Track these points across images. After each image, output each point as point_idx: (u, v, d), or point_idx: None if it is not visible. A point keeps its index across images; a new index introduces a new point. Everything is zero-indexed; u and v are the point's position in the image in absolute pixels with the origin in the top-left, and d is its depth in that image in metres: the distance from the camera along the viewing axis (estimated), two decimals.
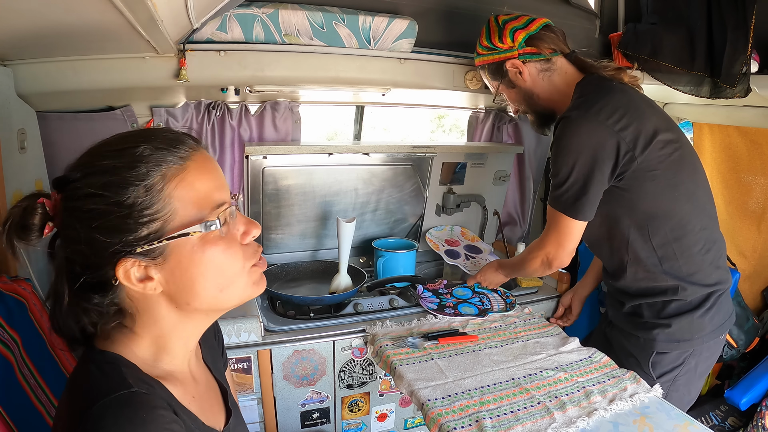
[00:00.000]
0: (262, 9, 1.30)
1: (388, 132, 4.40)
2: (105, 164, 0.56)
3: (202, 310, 0.64)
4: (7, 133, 1.12)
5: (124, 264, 0.56)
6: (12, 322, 0.91)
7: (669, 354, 1.22)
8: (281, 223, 1.74)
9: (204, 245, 0.59)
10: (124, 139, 0.59)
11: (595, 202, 1.17)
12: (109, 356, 0.59)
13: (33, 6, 0.73)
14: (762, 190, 1.77)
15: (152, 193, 0.55)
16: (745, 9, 1.30)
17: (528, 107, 1.36)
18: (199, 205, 0.58)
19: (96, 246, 0.55)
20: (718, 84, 1.40)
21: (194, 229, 0.58)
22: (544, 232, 1.29)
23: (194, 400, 0.65)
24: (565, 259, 1.26)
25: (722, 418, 1.81)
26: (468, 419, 1.02)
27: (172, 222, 0.57)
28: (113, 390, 0.54)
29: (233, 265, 0.62)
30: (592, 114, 1.11)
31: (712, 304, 1.20)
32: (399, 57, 1.49)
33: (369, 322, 1.44)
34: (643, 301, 1.24)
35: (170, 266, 0.58)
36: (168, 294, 0.60)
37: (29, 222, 0.57)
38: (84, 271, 0.57)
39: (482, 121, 2.03)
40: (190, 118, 1.55)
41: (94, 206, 0.55)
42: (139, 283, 0.57)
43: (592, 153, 1.11)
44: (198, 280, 0.60)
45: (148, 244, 0.56)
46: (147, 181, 0.55)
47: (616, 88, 1.17)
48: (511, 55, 1.28)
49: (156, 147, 0.57)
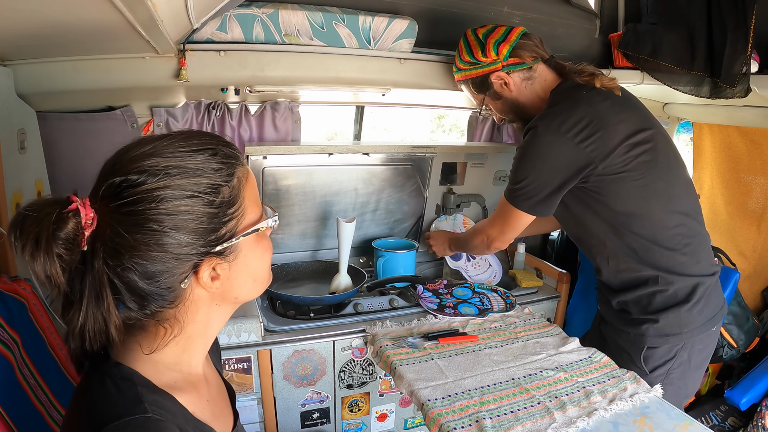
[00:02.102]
0: (262, 9, 1.30)
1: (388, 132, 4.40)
2: (189, 165, 0.55)
3: (238, 304, 0.66)
4: (7, 133, 1.12)
5: (207, 264, 0.57)
6: (12, 322, 0.91)
7: (660, 348, 1.23)
8: (281, 223, 1.74)
9: (260, 240, 0.63)
10: (194, 139, 0.58)
11: (548, 203, 1.22)
12: (125, 371, 0.57)
13: (33, 6, 0.73)
14: (762, 190, 1.76)
15: (234, 194, 0.59)
16: (745, 9, 1.29)
17: (514, 115, 1.40)
18: (257, 202, 0.63)
19: (175, 249, 0.54)
20: (718, 84, 1.40)
21: (264, 225, 0.62)
22: (492, 214, 1.39)
23: (208, 404, 0.65)
24: (504, 244, 1.38)
25: (722, 418, 1.81)
26: (468, 419, 1.02)
27: (243, 220, 0.60)
28: (127, 413, 0.52)
29: (269, 257, 0.66)
30: (554, 126, 1.16)
31: (700, 298, 1.21)
32: (399, 57, 1.49)
33: (369, 322, 1.44)
34: (628, 296, 1.26)
35: (237, 262, 0.60)
36: (221, 291, 0.61)
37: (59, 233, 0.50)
38: (148, 280, 0.54)
39: (482, 121, 2.03)
40: (190, 118, 1.55)
41: (184, 207, 0.54)
42: (211, 283, 0.58)
43: (550, 163, 1.18)
44: (251, 274, 0.63)
45: (227, 241, 0.58)
46: (231, 181, 0.58)
47: (583, 98, 1.19)
48: (496, 67, 1.31)
49: (229, 149, 0.60)
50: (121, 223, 0.52)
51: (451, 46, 1.57)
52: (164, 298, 0.57)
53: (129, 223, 0.52)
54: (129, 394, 0.54)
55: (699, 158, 1.95)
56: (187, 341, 0.62)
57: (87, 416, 0.54)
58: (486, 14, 1.39)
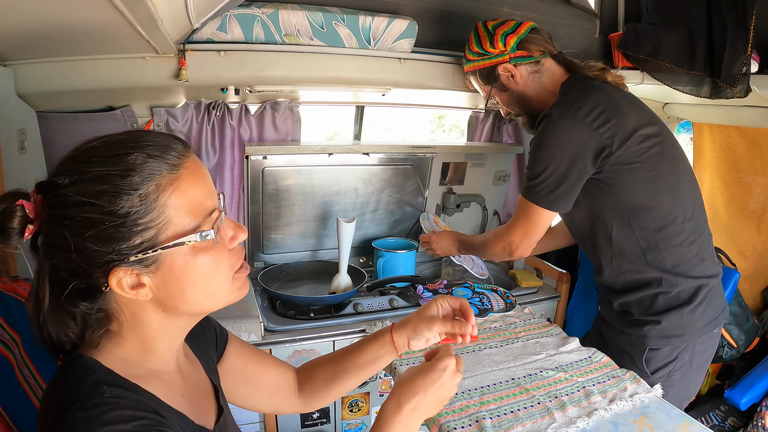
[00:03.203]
0: (262, 9, 1.30)
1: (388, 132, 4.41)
2: (96, 171, 0.54)
3: (188, 314, 0.64)
4: (7, 133, 1.12)
5: (116, 272, 0.55)
6: (12, 322, 0.91)
7: (662, 350, 1.23)
8: (281, 223, 1.74)
9: (196, 253, 0.59)
10: (115, 145, 0.57)
11: (568, 195, 1.19)
12: (87, 361, 0.59)
13: (33, 6, 0.73)
14: (762, 190, 1.76)
15: (146, 203, 0.55)
16: (745, 9, 1.30)
17: (520, 109, 1.39)
18: (192, 212, 0.58)
19: (87, 254, 0.54)
20: (718, 84, 1.40)
21: (190, 239, 0.57)
22: (511, 220, 1.31)
23: (183, 399, 0.65)
24: (527, 249, 1.29)
25: (722, 418, 1.81)
26: (468, 419, 1.02)
27: (167, 231, 0.56)
28: (84, 397, 0.53)
29: (221, 272, 0.62)
30: (571, 112, 1.14)
31: (702, 299, 1.21)
32: (399, 57, 1.49)
33: (369, 322, 1.44)
34: (630, 297, 1.25)
35: (162, 273, 0.58)
36: (157, 299, 0.60)
37: (7, 226, 0.55)
38: (72, 278, 0.56)
39: (482, 121, 2.03)
40: (190, 118, 1.55)
41: (86, 215, 0.53)
42: (131, 290, 0.57)
43: (568, 149, 1.15)
44: (188, 287, 0.60)
45: (142, 252, 0.55)
46: (141, 190, 0.54)
47: (597, 87, 1.19)
48: (503, 59, 1.31)
49: (149, 154, 0.56)
50: (49, 221, 0.56)
51: (451, 46, 1.58)
52: (92, 296, 0.57)
53: (52, 222, 0.55)
54: (89, 380, 0.56)
55: (699, 158, 1.95)
56: (144, 342, 0.62)
57: (49, 407, 0.56)
58: (486, 14, 1.40)
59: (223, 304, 0.64)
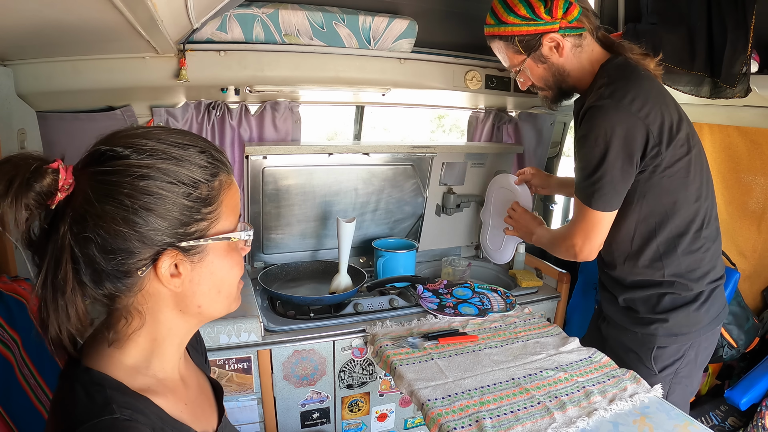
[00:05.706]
0: (262, 9, 1.30)
1: (388, 132, 4.41)
2: (175, 153, 0.56)
3: (201, 315, 0.64)
4: (7, 133, 1.12)
5: (166, 255, 0.56)
6: (12, 322, 0.91)
7: (669, 348, 1.22)
8: (281, 223, 1.74)
9: (230, 251, 0.62)
10: (185, 136, 0.59)
11: (622, 192, 1.14)
12: (95, 376, 0.57)
13: (33, 6, 0.73)
14: (762, 190, 1.76)
15: (213, 194, 0.59)
16: (745, 9, 1.29)
17: (553, 83, 1.27)
18: (235, 214, 0.63)
19: (142, 231, 0.54)
20: (718, 84, 1.40)
21: (236, 235, 0.62)
22: (571, 220, 1.24)
23: (186, 407, 0.65)
24: (592, 252, 1.21)
25: (722, 418, 1.81)
26: (468, 419, 1.02)
27: (216, 225, 0.60)
28: (95, 416, 0.52)
29: (237, 274, 0.65)
30: (625, 104, 1.08)
31: (707, 298, 1.21)
32: (399, 57, 1.49)
33: (369, 322, 1.44)
34: (638, 294, 1.24)
35: (200, 265, 0.60)
36: (180, 296, 0.60)
37: (34, 182, 0.51)
38: (108, 256, 0.54)
39: (482, 121, 2.03)
40: (190, 118, 1.55)
41: (161, 191, 0.54)
42: (170, 278, 0.58)
43: (623, 143, 1.09)
44: (214, 283, 0.62)
45: (195, 240, 0.58)
46: (213, 182, 0.59)
47: (644, 76, 1.13)
48: (552, 28, 1.17)
49: (219, 153, 0.61)
50: (95, 190, 0.53)
51: (452, 46, 1.58)
52: (120, 280, 0.56)
53: (102, 192, 0.53)
54: (98, 398, 0.55)
55: None
56: (153, 343, 0.61)
57: (58, 424, 0.54)
58: (486, 14, 1.39)
59: (226, 311, 0.66)
